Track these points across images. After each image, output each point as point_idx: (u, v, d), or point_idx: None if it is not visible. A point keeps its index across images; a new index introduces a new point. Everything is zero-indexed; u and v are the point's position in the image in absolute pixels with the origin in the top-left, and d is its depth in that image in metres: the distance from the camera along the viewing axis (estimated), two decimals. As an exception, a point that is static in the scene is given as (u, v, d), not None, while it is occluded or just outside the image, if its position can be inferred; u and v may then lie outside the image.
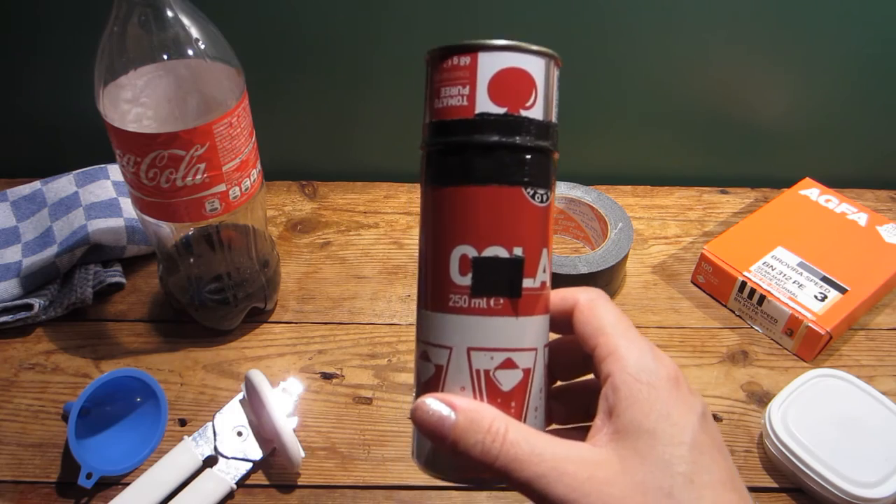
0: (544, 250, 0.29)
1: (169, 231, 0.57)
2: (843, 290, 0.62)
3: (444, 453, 0.28)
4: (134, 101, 0.49)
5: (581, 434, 0.28)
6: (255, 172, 0.56)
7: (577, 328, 0.30)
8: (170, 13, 0.48)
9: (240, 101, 0.52)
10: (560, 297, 0.30)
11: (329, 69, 0.73)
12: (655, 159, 0.81)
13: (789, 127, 0.78)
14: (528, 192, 0.28)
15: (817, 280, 0.63)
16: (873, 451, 0.51)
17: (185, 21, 0.49)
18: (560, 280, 0.63)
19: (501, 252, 0.28)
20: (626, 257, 0.65)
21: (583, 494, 0.25)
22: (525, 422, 0.29)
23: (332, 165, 0.81)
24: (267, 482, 0.53)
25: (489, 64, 0.27)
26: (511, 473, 0.26)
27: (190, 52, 0.49)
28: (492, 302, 0.28)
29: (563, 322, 0.31)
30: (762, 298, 0.63)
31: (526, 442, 0.26)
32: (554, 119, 0.29)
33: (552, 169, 0.29)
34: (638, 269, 0.71)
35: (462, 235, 0.28)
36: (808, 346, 0.61)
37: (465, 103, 0.28)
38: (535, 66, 0.28)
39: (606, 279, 0.64)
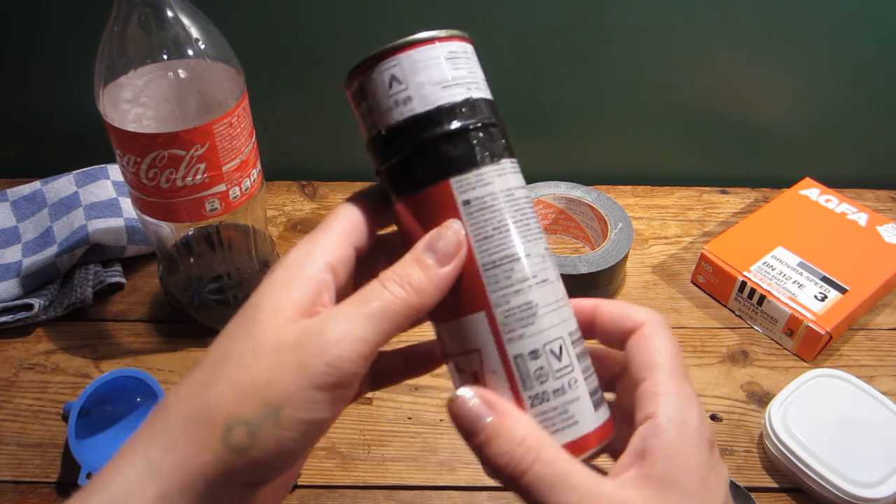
0: None
1: (169, 231, 0.57)
2: (843, 290, 0.62)
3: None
4: (134, 101, 0.49)
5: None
6: (255, 172, 0.56)
7: (631, 353, 0.29)
8: (170, 13, 0.48)
9: (240, 101, 0.52)
10: (623, 314, 0.30)
11: (329, 69, 0.73)
12: (655, 159, 0.81)
13: (789, 127, 0.78)
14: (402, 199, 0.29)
15: (817, 280, 0.63)
16: (873, 451, 0.51)
17: (185, 21, 0.49)
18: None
19: None
20: (626, 257, 0.65)
21: None
22: None
23: (332, 165, 0.81)
24: (267, 482, 0.53)
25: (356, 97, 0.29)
26: (535, 494, 0.25)
27: (190, 52, 0.49)
28: None
29: (616, 339, 0.30)
30: (762, 298, 0.63)
31: (562, 461, 0.25)
32: (397, 118, 0.28)
33: (432, 158, 0.28)
34: (638, 269, 0.71)
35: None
36: (808, 346, 0.61)
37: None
38: (367, 82, 0.28)
39: (606, 279, 0.64)
